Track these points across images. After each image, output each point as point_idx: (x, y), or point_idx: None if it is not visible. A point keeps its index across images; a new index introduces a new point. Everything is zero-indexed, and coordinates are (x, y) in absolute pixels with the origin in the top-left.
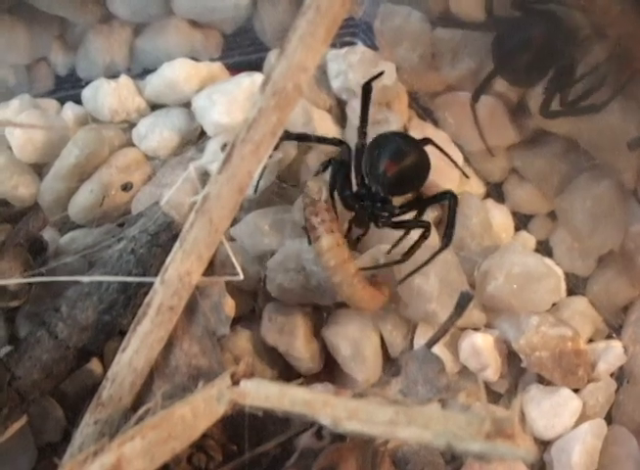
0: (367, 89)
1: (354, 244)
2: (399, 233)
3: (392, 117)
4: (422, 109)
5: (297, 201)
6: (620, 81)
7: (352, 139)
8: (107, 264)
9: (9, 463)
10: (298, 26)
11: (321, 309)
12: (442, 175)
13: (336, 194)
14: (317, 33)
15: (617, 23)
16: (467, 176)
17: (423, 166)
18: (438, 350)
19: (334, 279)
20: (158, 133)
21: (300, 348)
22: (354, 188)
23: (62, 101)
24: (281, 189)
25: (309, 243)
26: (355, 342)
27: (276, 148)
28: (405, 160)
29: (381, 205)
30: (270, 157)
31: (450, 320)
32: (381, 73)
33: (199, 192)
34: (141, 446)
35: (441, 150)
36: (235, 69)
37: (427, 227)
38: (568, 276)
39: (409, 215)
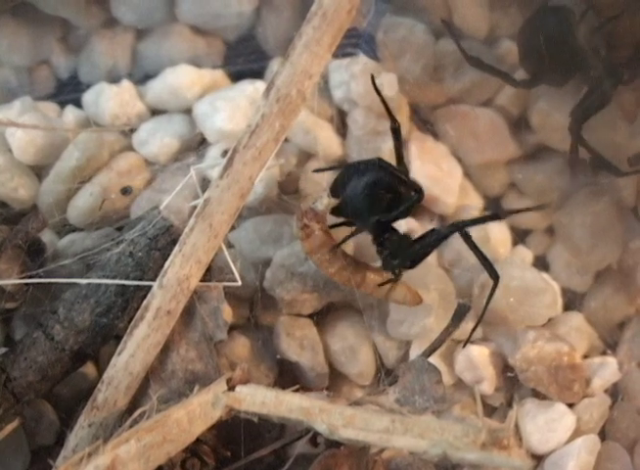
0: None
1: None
2: None
3: None
4: (422, 121)
5: (296, 211)
6: None
7: (353, 150)
8: (105, 267)
9: (1, 465)
10: (304, 33)
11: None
12: (442, 187)
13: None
14: (322, 40)
15: None
16: None
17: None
18: (433, 362)
19: None
20: (158, 139)
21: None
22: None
23: (62, 104)
24: (281, 200)
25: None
26: (349, 342)
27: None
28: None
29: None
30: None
31: (447, 331)
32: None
33: (199, 197)
34: (136, 449)
35: None
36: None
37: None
38: (564, 292)
39: None
